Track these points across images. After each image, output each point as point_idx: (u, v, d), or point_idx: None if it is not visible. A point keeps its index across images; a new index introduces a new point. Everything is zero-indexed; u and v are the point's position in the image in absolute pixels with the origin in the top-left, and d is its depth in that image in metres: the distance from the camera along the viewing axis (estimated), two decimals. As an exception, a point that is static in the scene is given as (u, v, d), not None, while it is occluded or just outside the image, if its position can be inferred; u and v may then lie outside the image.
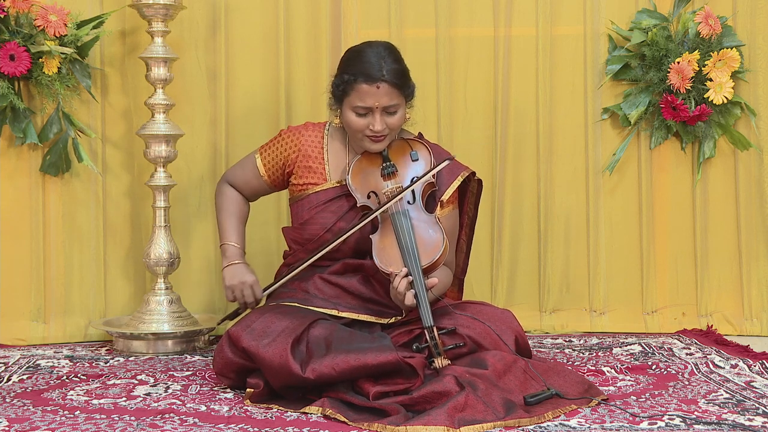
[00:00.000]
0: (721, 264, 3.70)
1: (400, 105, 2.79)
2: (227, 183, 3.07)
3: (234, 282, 2.91)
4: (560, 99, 3.69)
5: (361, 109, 2.76)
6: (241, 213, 3.06)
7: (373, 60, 2.75)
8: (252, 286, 2.90)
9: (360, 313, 2.77)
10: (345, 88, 2.77)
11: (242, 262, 2.96)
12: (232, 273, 2.93)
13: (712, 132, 3.63)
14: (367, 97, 2.74)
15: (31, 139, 3.42)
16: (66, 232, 3.55)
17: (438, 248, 2.67)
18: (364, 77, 2.73)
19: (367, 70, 2.74)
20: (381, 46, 2.81)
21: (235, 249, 2.98)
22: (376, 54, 2.77)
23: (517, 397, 2.42)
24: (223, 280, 2.94)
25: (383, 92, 2.74)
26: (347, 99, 2.78)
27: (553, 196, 3.70)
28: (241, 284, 2.90)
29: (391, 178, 2.82)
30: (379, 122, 2.76)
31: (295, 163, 2.93)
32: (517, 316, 2.79)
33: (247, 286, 2.89)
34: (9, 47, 3.30)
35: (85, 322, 3.54)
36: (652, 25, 3.60)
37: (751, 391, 2.63)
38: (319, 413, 2.43)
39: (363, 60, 2.76)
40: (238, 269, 2.93)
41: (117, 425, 2.35)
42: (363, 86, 2.74)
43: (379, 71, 2.73)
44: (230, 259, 2.96)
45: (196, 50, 3.60)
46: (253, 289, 2.90)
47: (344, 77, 2.77)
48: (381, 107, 2.75)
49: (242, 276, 2.91)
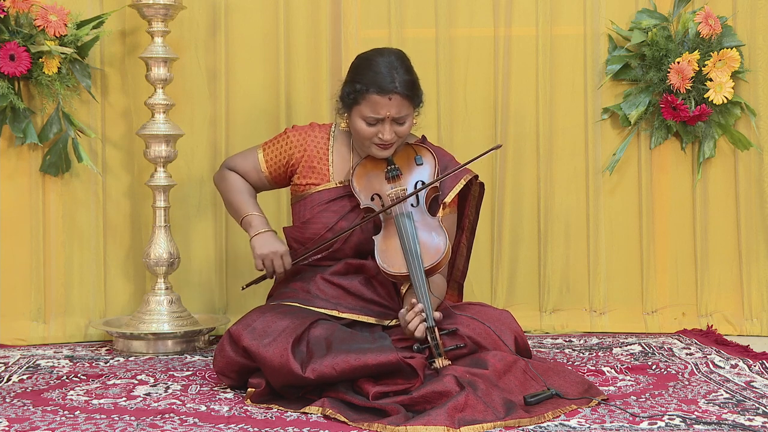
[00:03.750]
0: (721, 264, 3.70)
1: (409, 115, 2.80)
2: (227, 169, 3.05)
3: (265, 251, 2.87)
4: (560, 99, 3.69)
5: (371, 119, 2.76)
6: (251, 191, 3.03)
7: (385, 71, 2.75)
8: (282, 256, 2.86)
9: (361, 315, 2.77)
10: (356, 97, 2.77)
11: (271, 230, 2.92)
12: (262, 241, 2.88)
13: (712, 132, 3.63)
14: (378, 107, 2.74)
15: (31, 139, 3.42)
16: (66, 232, 3.55)
17: (440, 251, 2.68)
18: (377, 88, 2.73)
19: (380, 82, 2.73)
20: (393, 55, 2.80)
21: (260, 218, 2.94)
22: (387, 64, 2.76)
23: (517, 397, 2.42)
24: (253, 249, 2.89)
25: (395, 104, 2.74)
26: (357, 108, 2.78)
27: (553, 196, 3.70)
28: (273, 254, 2.86)
29: (395, 181, 2.83)
30: (389, 132, 2.77)
31: (300, 163, 2.93)
32: (517, 316, 2.80)
33: (278, 255, 2.86)
34: (9, 47, 3.30)
35: (85, 322, 3.54)
36: (652, 25, 3.60)
37: (751, 391, 2.63)
38: (319, 413, 2.43)
39: (375, 70, 2.76)
40: (268, 238, 2.89)
41: (117, 425, 2.35)
42: (375, 97, 2.74)
43: (391, 83, 2.73)
44: (257, 228, 2.91)
45: (196, 50, 3.61)
46: (283, 258, 2.86)
47: (356, 86, 2.77)
48: (391, 117, 2.76)
49: (273, 245, 2.87)
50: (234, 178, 3.02)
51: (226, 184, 3.02)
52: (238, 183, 3.01)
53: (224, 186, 3.03)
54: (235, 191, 3.00)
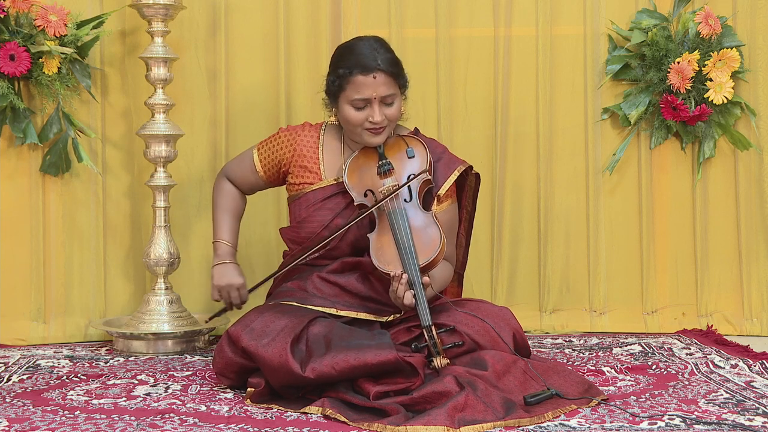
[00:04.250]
0: (721, 264, 3.70)
1: (397, 95, 2.80)
2: (225, 177, 3.09)
3: (222, 282, 2.97)
4: (560, 99, 3.69)
5: (359, 101, 2.76)
6: (237, 209, 3.09)
7: (367, 51, 2.76)
8: (239, 289, 2.97)
9: (359, 312, 2.77)
10: (341, 82, 2.77)
11: (232, 262, 3.01)
12: (221, 273, 2.98)
13: (712, 132, 3.63)
14: (364, 88, 2.74)
15: (31, 139, 3.42)
16: (66, 232, 3.55)
17: (435, 247, 2.67)
18: (360, 68, 2.74)
19: (362, 62, 2.74)
20: (371, 39, 2.83)
21: (226, 247, 3.02)
22: (368, 46, 2.79)
23: (517, 397, 2.42)
24: (212, 279, 2.99)
25: (380, 82, 2.74)
26: (344, 94, 2.78)
27: (553, 196, 3.70)
28: (228, 286, 2.96)
29: (387, 176, 2.82)
30: (378, 113, 2.76)
31: (291, 163, 2.94)
32: (517, 316, 2.79)
33: (234, 288, 2.96)
34: (9, 47, 3.30)
35: (85, 322, 3.54)
36: (652, 25, 3.60)
37: (751, 391, 2.63)
38: (319, 413, 2.43)
39: (356, 53, 2.77)
40: (228, 270, 2.98)
41: (117, 425, 2.35)
42: (359, 78, 2.74)
43: (374, 61, 2.74)
44: (221, 257, 3.01)
45: (196, 50, 3.61)
46: (239, 291, 2.97)
47: (339, 72, 2.77)
48: (379, 97, 2.75)
49: (230, 278, 2.97)
50: (225, 192, 3.08)
51: (216, 197, 3.09)
52: (225, 199, 3.07)
53: (214, 198, 3.10)
54: (219, 208, 3.08)
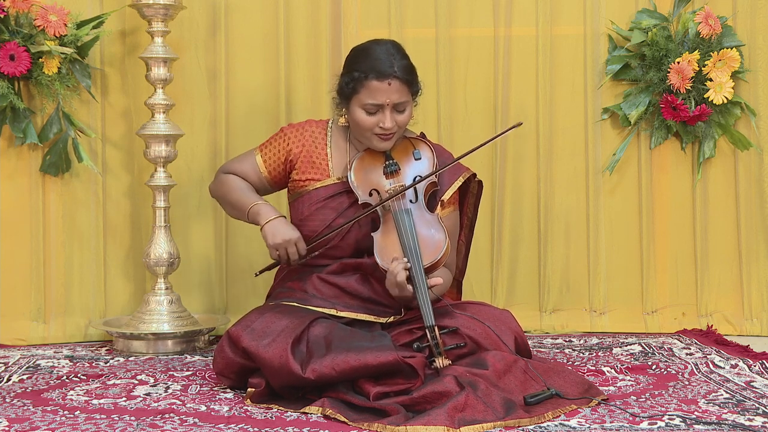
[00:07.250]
0: (721, 264, 3.70)
1: (409, 102, 2.79)
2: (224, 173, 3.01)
3: (278, 240, 2.77)
4: (560, 99, 3.69)
5: (371, 106, 2.75)
6: (251, 187, 2.95)
7: (383, 57, 2.74)
8: (296, 243, 2.78)
9: (359, 313, 2.77)
10: (355, 85, 2.75)
11: (279, 215, 2.83)
12: (274, 230, 2.79)
13: (712, 132, 3.63)
14: (378, 93, 2.73)
15: (31, 139, 3.42)
16: (66, 232, 3.55)
17: (440, 248, 2.67)
18: (376, 74, 2.72)
19: (378, 67, 2.72)
20: (389, 43, 2.80)
21: (267, 206, 2.85)
22: (385, 51, 2.76)
23: (517, 397, 2.42)
24: (265, 239, 2.79)
25: (394, 89, 2.73)
26: (357, 97, 2.76)
27: (553, 196, 3.70)
28: (286, 242, 2.78)
29: (393, 176, 2.82)
30: (390, 119, 2.75)
31: (299, 158, 2.91)
32: (517, 316, 2.80)
33: (292, 243, 2.78)
34: (9, 47, 3.30)
35: (85, 322, 3.54)
36: (652, 25, 3.60)
37: (751, 391, 2.63)
38: (319, 413, 2.43)
39: (372, 57, 2.75)
40: (279, 225, 2.80)
41: (117, 425, 2.35)
42: (374, 83, 2.72)
43: (390, 67, 2.72)
44: (267, 215, 2.82)
45: (196, 50, 3.60)
46: (297, 245, 2.79)
47: (354, 74, 2.75)
48: (392, 104, 2.74)
49: (285, 233, 2.78)
50: (232, 178, 2.97)
51: (225, 187, 2.97)
52: (237, 182, 2.95)
53: (223, 190, 2.97)
54: (234, 190, 2.93)
